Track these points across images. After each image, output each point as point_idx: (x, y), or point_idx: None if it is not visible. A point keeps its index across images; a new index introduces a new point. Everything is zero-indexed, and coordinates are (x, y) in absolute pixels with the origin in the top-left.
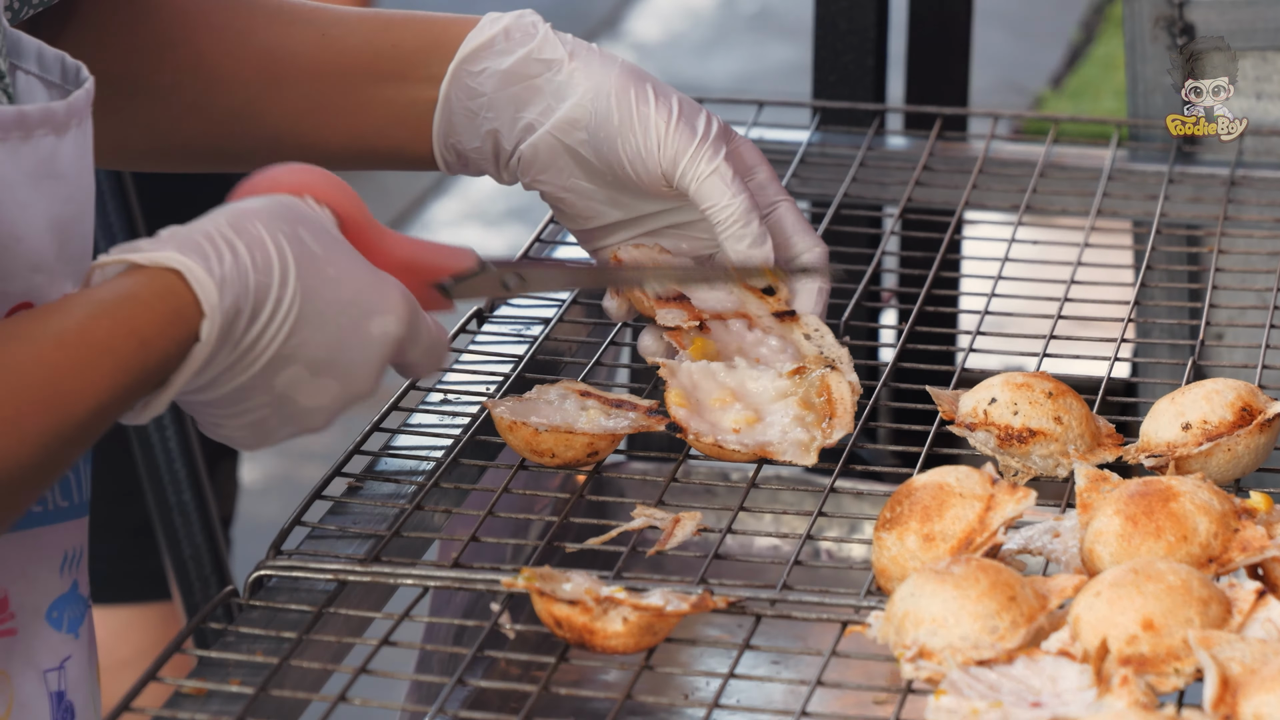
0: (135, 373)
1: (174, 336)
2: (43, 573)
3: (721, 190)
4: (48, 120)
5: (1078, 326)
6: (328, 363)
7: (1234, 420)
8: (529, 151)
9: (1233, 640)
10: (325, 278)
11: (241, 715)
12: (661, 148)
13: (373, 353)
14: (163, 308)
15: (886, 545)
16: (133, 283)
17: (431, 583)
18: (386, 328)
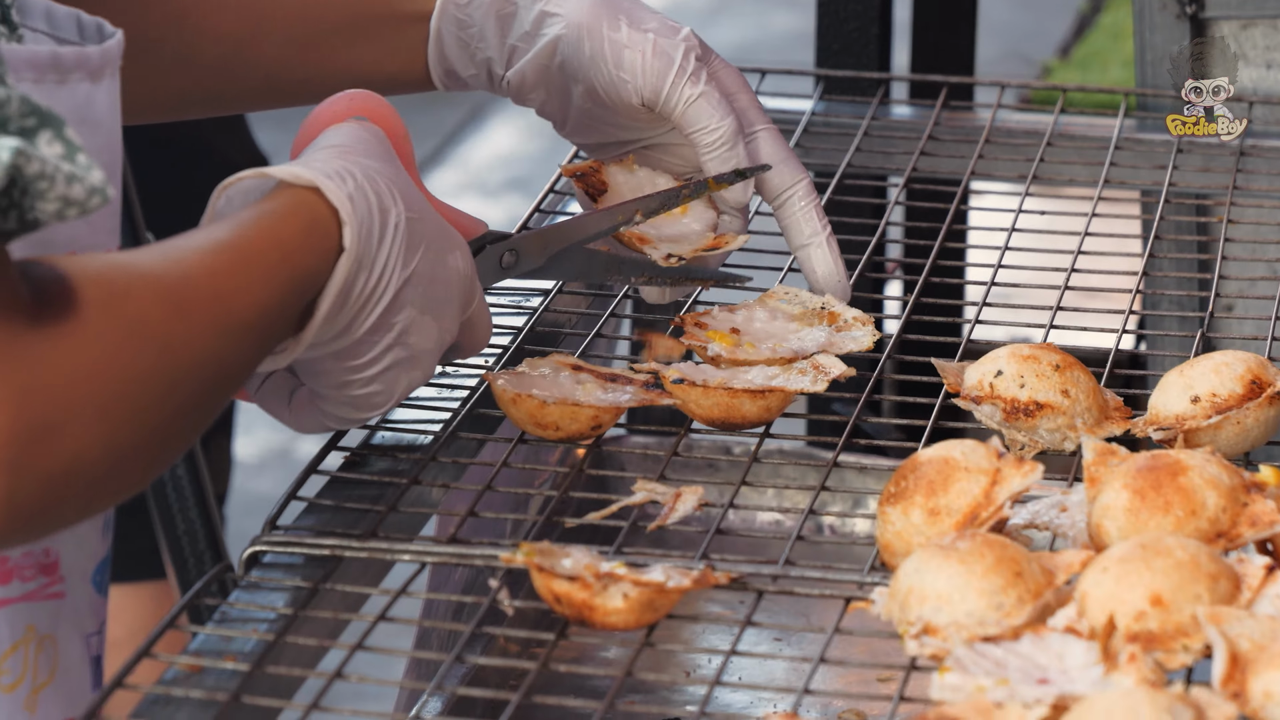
0: (284, 282)
1: (314, 248)
2: (91, 533)
3: (709, 113)
4: (82, 65)
5: (1085, 298)
6: (427, 298)
7: (1243, 393)
8: (516, 77)
9: (1242, 616)
10: (416, 208)
11: (236, 692)
12: (641, 76)
13: (454, 289)
14: (301, 219)
15: (891, 520)
16: (269, 200)
17: (429, 558)
18: (458, 264)
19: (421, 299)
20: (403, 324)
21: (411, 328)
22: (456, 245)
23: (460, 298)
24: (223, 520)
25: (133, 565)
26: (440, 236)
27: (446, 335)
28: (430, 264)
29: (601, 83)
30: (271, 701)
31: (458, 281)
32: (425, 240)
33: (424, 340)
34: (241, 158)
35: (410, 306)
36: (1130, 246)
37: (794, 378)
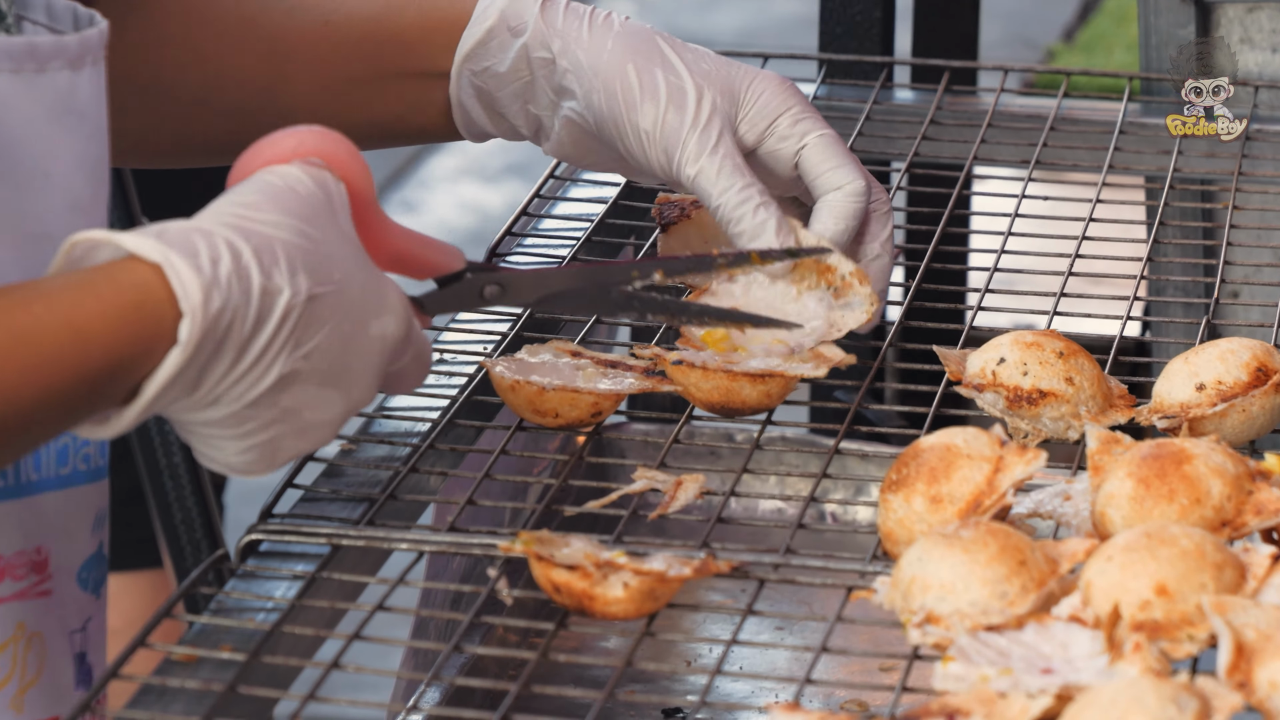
0: (69, 371)
1: (132, 335)
2: (80, 532)
3: (708, 187)
4: (60, 53)
5: (1089, 284)
6: (332, 372)
7: (1249, 380)
8: (552, 148)
9: (1247, 606)
10: (331, 280)
11: (233, 682)
12: (651, 148)
13: (372, 358)
14: (116, 300)
15: (893, 508)
16: (96, 270)
17: (427, 547)
18: (385, 329)
19: (324, 374)
20: (291, 400)
21: (306, 402)
22: (387, 309)
23: (381, 362)
24: (221, 510)
25: (130, 554)
26: (364, 304)
27: (357, 404)
28: (343, 337)
29: (627, 153)
30: (268, 692)
31: (379, 349)
32: (341, 313)
33: (322, 412)
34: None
35: (305, 383)
36: (1134, 232)
37: (795, 363)
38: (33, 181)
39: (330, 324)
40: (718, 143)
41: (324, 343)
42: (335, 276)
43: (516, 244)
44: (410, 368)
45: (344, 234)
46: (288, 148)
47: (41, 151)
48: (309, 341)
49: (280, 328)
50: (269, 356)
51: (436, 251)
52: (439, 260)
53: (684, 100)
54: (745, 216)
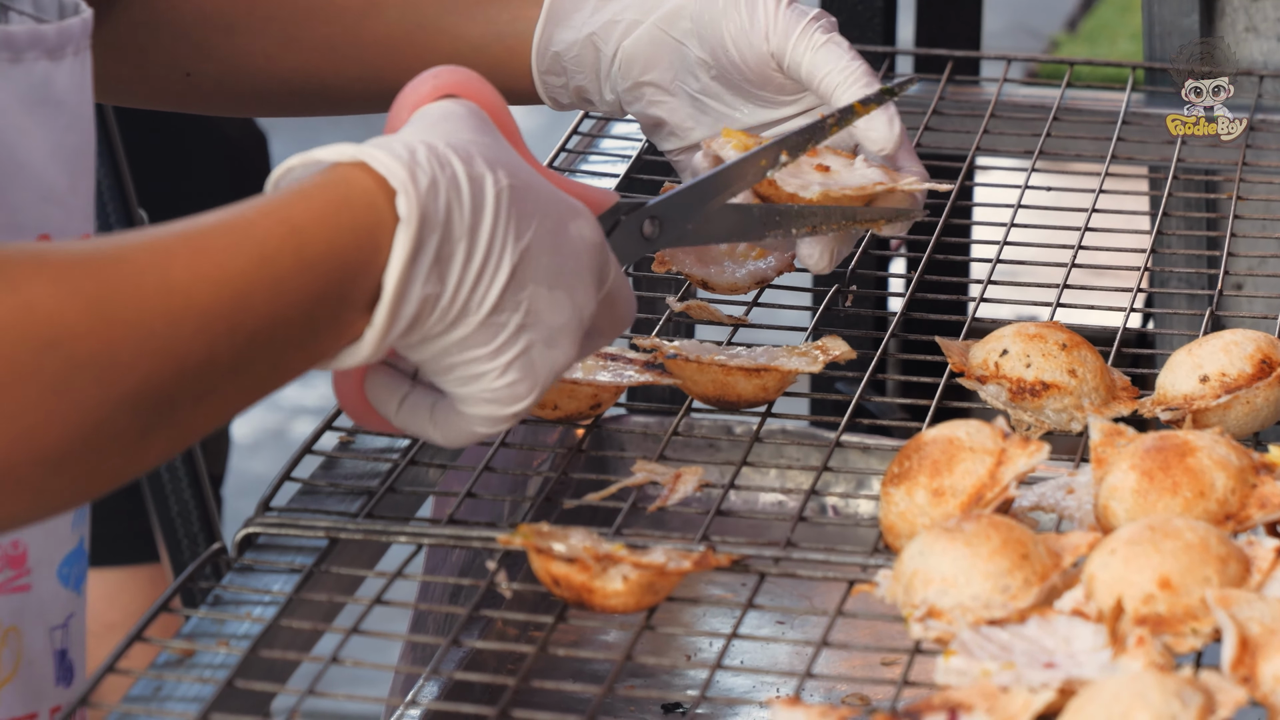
0: (291, 267)
1: (346, 224)
2: (60, 526)
3: (839, 54)
4: (37, 43)
5: (1092, 275)
6: (554, 270)
7: (1253, 372)
8: (631, 48)
9: (1252, 599)
10: (523, 179)
11: (230, 677)
12: (771, 25)
13: (584, 259)
14: (329, 196)
15: (894, 501)
16: (303, 181)
17: (425, 540)
18: (583, 232)
19: (546, 272)
20: (529, 300)
21: (541, 304)
22: (579, 213)
23: (592, 269)
24: (219, 504)
25: (126, 548)
26: (556, 205)
27: (583, 310)
28: (549, 234)
29: (733, 33)
30: (266, 686)
31: (586, 251)
32: (539, 209)
33: (558, 316)
34: (238, 133)
35: (534, 282)
36: (1138, 223)
37: (792, 358)
38: (3, 171)
39: (537, 216)
40: (828, 38)
41: (537, 237)
42: (524, 175)
43: None
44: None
45: (511, 148)
46: (428, 89)
47: (14, 142)
48: (526, 233)
49: (498, 213)
50: (497, 245)
51: (591, 190)
52: (595, 197)
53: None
54: (876, 86)
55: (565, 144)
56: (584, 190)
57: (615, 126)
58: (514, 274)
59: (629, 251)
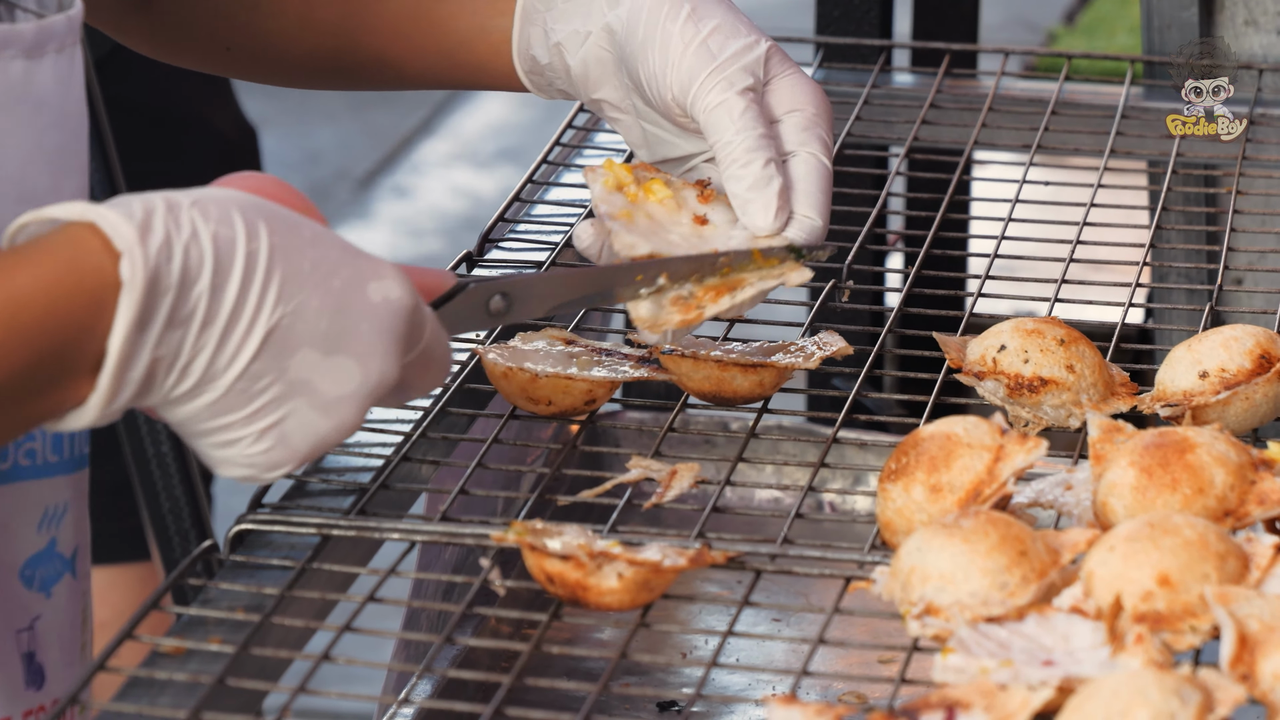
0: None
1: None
2: (22, 528)
3: (725, 124)
4: (13, 42)
5: (1091, 270)
6: (337, 336)
7: (1253, 368)
8: (579, 65)
9: (1251, 596)
10: (304, 237)
11: (222, 675)
12: (674, 73)
13: (384, 324)
14: (48, 261)
15: (892, 497)
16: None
17: (419, 537)
18: (388, 293)
19: (324, 337)
20: (298, 367)
21: (315, 371)
22: (383, 274)
23: (394, 332)
24: (210, 501)
25: (117, 546)
26: (353, 264)
27: (380, 376)
28: (337, 295)
29: (646, 74)
30: (257, 684)
31: (389, 315)
32: (326, 266)
33: (338, 384)
34: (228, 127)
35: (307, 346)
36: (1137, 218)
37: (789, 354)
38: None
39: (316, 278)
40: (748, 88)
41: (315, 300)
42: (305, 233)
43: (509, 230)
44: (426, 359)
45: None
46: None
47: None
48: (294, 296)
49: (249, 273)
50: (248, 307)
51: (422, 274)
52: (427, 282)
53: (731, 37)
54: (755, 166)
55: (559, 138)
56: (412, 274)
57: None
58: (272, 338)
59: (468, 321)
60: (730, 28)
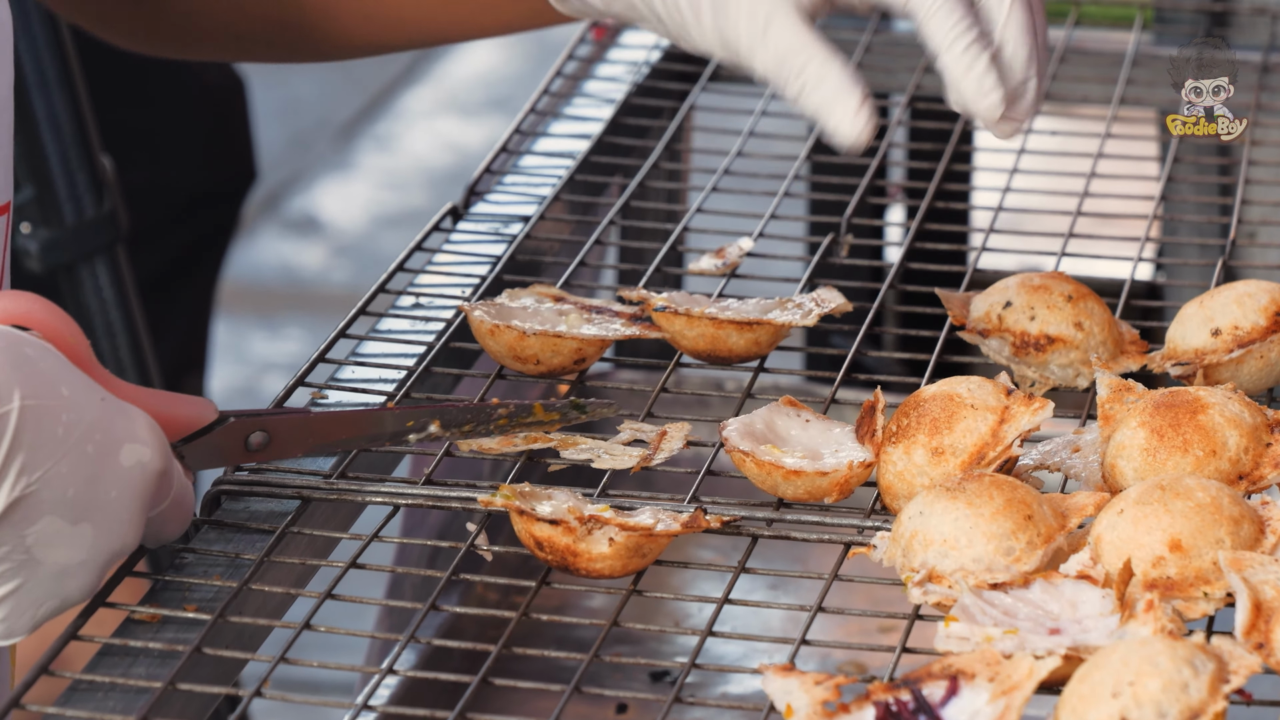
0: None
1: None
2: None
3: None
4: None
5: (1099, 224)
6: (84, 505)
7: (1267, 325)
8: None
9: (1266, 562)
10: (59, 398)
11: (198, 643)
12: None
13: (132, 491)
14: None
15: (892, 460)
16: None
17: (402, 501)
18: (141, 457)
19: (70, 506)
20: (38, 536)
21: (56, 539)
22: (138, 437)
23: (143, 496)
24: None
25: None
26: (108, 427)
27: (120, 543)
28: (88, 462)
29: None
30: (235, 653)
31: (138, 481)
32: (80, 430)
33: (77, 551)
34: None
35: (51, 514)
36: (1147, 169)
37: (786, 311)
38: None
39: (68, 444)
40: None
41: (64, 467)
42: (62, 392)
43: (496, 183)
44: (171, 511)
45: (67, 365)
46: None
47: None
48: (42, 465)
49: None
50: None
51: (184, 405)
52: (188, 414)
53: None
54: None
55: (548, 87)
56: (172, 407)
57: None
58: (14, 508)
59: (225, 456)
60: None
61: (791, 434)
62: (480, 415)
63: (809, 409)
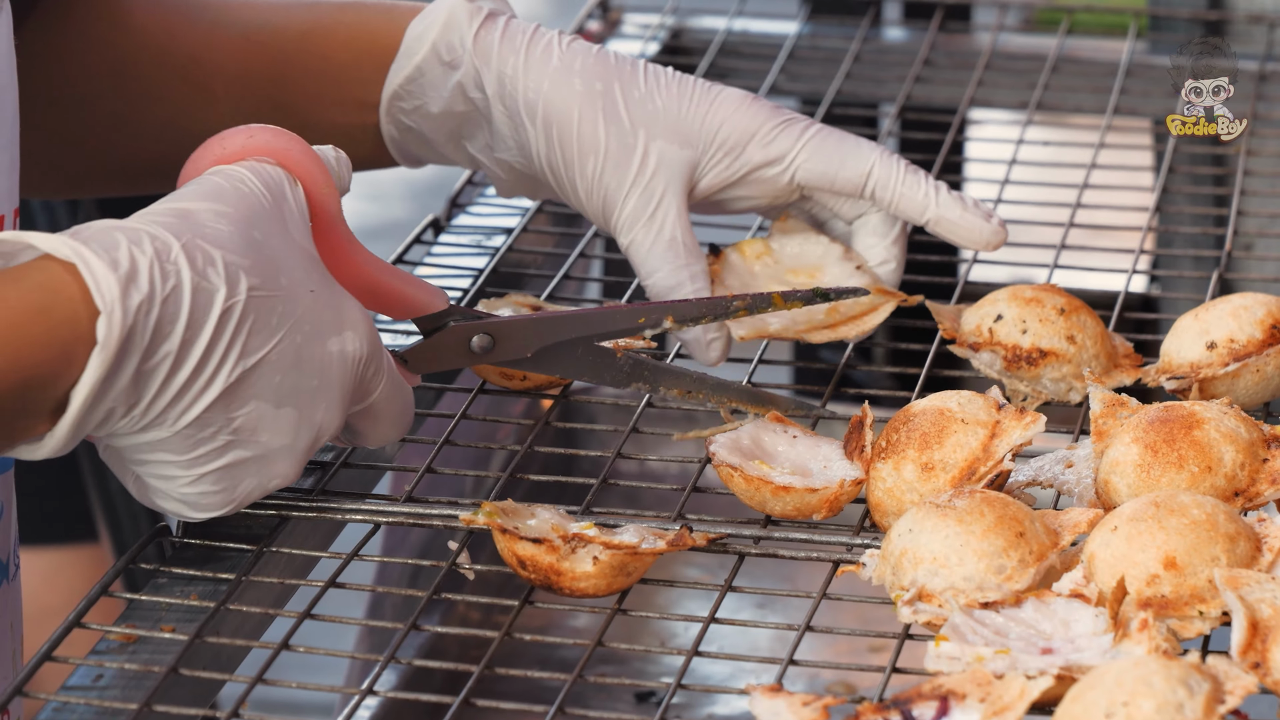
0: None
1: (38, 338)
2: None
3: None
4: None
5: (1092, 235)
6: (286, 390)
7: (1263, 338)
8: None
9: (1262, 580)
10: (277, 285)
11: (175, 664)
12: (590, 203)
13: (333, 379)
14: (20, 304)
15: (882, 476)
16: (3, 275)
17: (383, 518)
18: (345, 347)
19: (277, 390)
20: (247, 418)
21: (263, 422)
22: (347, 324)
23: (343, 386)
24: None
25: (64, 527)
26: (316, 315)
27: (320, 429)
28: (294, 349)
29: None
30: (212, 674)
31: (339, 370)
32: (291, 320)
33: (280, 436)
34: None
35: (258, 399)
36: (1141, 180)
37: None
38: None
39: (285, 329)
40: (657, 208)
41: (278, 352)
42: (281, 281)
43: (478, 194)
44: (383, 407)
45: (293, 239)
46: (236, 145)
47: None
48: (257, 350)
49: (220, 329)
50: (212, 363)
51: (416, 287)
52: (418, 298)
53: (627, 156)
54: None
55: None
56: (402, 285)
57: None
58: (230, 391)
59: (447, 358)
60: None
61: (779, 450)
62: (716, 307)
63: (796, 424)
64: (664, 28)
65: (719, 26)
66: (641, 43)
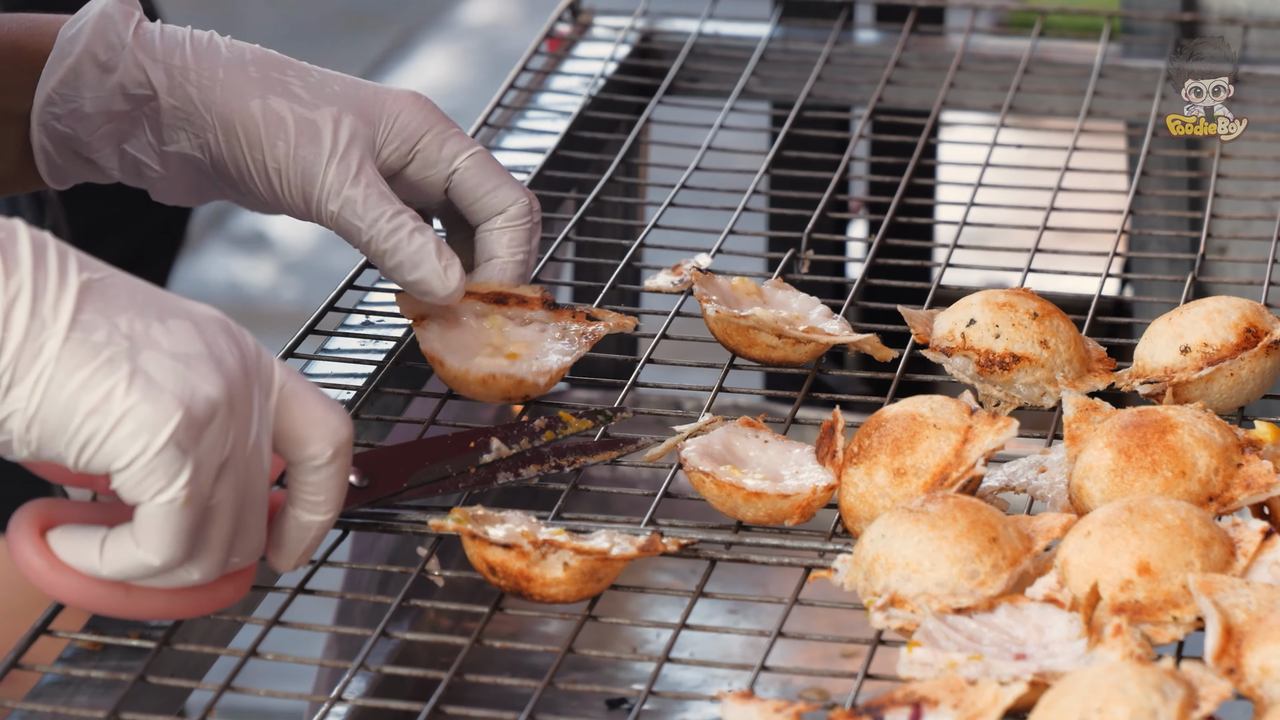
0: None
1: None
2: None
3: (355, 220)
4: None
5: (1066, 239)
6: (160, 304)
7: (1238, 342)
8: (161, 192)
9: (1237, 585)
10: None
11: (142, 671)
12: (285, 187)
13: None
14: None
15: (854, 481)
16: None
17: (351, 524)
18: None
19: (145, 304)
20: (128, 326)
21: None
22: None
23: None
24: None
25: None
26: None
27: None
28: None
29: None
30: (180, 682)
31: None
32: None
33: (179, 344)
34: None
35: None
36: (1115, 183)
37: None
38: None
39: None
40: (359, 171)
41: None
42: None
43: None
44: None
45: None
46: None
47: None
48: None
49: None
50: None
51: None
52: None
53: (317, 131)
54: (401, 245)
55: (501, 99)
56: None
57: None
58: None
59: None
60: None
61: (750, 455)
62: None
63: (768, 429)
64: (634, 30)
65: (690, 29)
66: (612, 45)
